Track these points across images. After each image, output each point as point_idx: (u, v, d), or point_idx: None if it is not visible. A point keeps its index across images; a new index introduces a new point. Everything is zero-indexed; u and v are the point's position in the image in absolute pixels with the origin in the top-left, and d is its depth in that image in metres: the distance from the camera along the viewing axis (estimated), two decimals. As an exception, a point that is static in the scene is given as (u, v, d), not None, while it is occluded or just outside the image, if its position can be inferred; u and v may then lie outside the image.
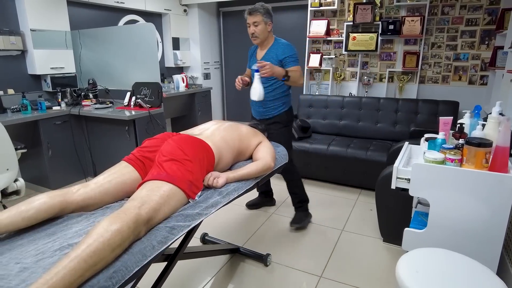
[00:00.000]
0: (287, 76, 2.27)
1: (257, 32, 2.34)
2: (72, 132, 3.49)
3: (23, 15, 3.38)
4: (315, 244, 2.45)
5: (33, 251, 1.03)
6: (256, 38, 2.38)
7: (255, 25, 2.33)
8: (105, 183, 1.34)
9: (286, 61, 2.35)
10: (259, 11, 2.30)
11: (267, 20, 2.34)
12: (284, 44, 2.41)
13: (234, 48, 5.92)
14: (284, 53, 2.35)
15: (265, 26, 2.35)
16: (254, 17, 2.31)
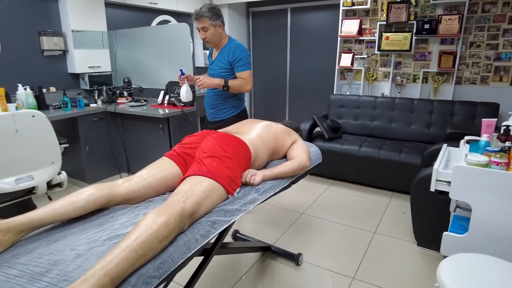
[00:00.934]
0: (227, 86, 2.28)
1: (208, 36, 2.28)
2: (108, 128, 3.62)
3: (65, 17, 3.55)
4: (347, 246, 2.42)
5: (85, 240, 1.08)
6: (208, 42, 2.34)
7: (204, 30, 2.25)
8: (148, 177, 1.39)
9: (236, 65, 2.31)
10: (205, 15, 2.19)
11: (215, 22, 2.25)
12: (236, 46, 2.33)
13: (262, 47, 5.94)
14: (235, 56, 2.29)
15: (215, 29, 2.27)
16: (202, 23, 2.22)
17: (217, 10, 2.23)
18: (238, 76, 2.33)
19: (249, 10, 5.87)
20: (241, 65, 2.30)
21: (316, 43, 5.24)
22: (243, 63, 2.30)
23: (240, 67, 2.30)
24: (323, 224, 2.72)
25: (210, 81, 2.28)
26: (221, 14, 2.28)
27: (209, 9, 2.19)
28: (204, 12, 2.18)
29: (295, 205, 3.06)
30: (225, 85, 2.27)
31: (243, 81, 2.32)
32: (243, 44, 2.38)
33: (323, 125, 3.59)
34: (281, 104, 5.90)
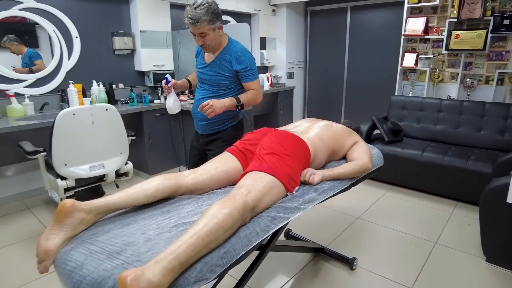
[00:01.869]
0: (241, 105, 1.93)
1: (207, 42, 1.86)
2: (170, 124, 3.82)
3: (135, 18, 3.81)
4: (405, 254, 2.30)
5: (154, 225, 1.16)
6: (207, 48, 1.92)
7: (202, 36, 1.83)
8: (212, 170, 1.44)
9: (243, 74, 1.95)
10: (203, 20, 1.76)
11: (215, 25, 1.83)
12: (242, 51, 1.96)
13: (319, 47, 5.86)
14: (241, 63, 1.93)
15: (215, 33, 1.85)
16: (199, 29, 1.79)
17: (214, 8, 1.79)
18: (248, 86, 1.98)
19: (307, 9, 5.83)
20: (250, 74, 1.96)
21: (376, 42, 5.05)
22: (252, 72, 1.97)
23: (250, 76, 1.96)
24: (379, 230, 2.61)
25: (221, 105, 1.85)
26: (219, 11, 1.85)
27: (207, 11, 1.75)
28: (201, 15, 1.74)
29: (350, 209, 2.98)
30: (238, 104, 1.92)
31: (255, 92, 1.99)
32: (246, 47, 2.03)
33: (383, 127, 3.44)
34: (337, 104, 5.78)
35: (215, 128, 2.09)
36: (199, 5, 1.75)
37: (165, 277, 0.87)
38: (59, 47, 3.33)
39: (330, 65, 5.73)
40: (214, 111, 1.81)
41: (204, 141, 2.14)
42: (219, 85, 1.98)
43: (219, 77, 1.97)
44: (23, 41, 3.13)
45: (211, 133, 2.10)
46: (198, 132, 2.18)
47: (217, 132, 2.10)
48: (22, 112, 3.03)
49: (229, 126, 2.11)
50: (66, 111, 2.16)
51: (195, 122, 2.18)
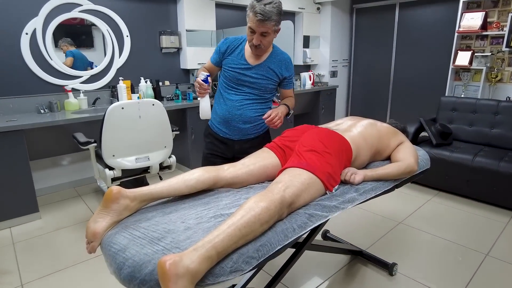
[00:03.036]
0: (290, 112, 1.92)
1: (264, 43, 1.73)
2: (211, 120, 3.90)
3: (182, 17, 3.93)
4: (451, 264, 2.16)
5: (193, 215, 1.19)
6: (261, 49, 1.77)
7: (264, 35, 1.70)
8: (250, 165, 1.45)
9: (288, 81, 1.93)
10: (272, 19, 1.64)
11: (277, 27, 1.73)
12: (287, 58, 1.91)
13: (365, 45, 5.68)
14: (289, 71, 1.91)
15: (273, 35, 1.76)
16: (265, 27, 1.66)
17: (281, 9, 1.70)
18: (287, 93, 1.98)
19: (353, 7, 5.68)
20: (291, 82, 1.98)
21: (426, 40, 4.79)
22: (292, 80, 1.99)
23: (291, 84, 1.97)
24: (423, 237, 2.48)
25: (282, 114, 1.84)
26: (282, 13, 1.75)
27: (277, 10, 1.65)
28: (271, 13, 1.63)
29: (392, 213, 2.86)
30: (289, 111, 1.92)
31: (293, 99, 2.01)
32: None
33: (430, 129, 3.26)
34: (382, 105, 5.57)
35: (256, 131, 1.94)
36: (269, 2, 1.62)
37: (201, 264, 0.90)
38: (111, 46, 3.54)
39: (376, 64, 5.54)
40: (281, 121, 1.78)
41: (241, 147, 1.92)
42: (265, 89, 1.87)
43: (267, 81, 1.86)
44: (80, 41, 3.37)
45: (251, 138, 1.94)
46: (230, 139, 1.92)
47: (257, 136, 1.96)
48: (77, 106, 3.26)
49: (266, 128, 2.02)
50: (116, 105, 2.28)
51: (225, 128, 1.92)
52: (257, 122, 1.90)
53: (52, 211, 2.96)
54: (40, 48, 3.11)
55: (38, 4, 3.05)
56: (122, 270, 0.96)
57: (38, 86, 3.16)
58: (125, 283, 0.95)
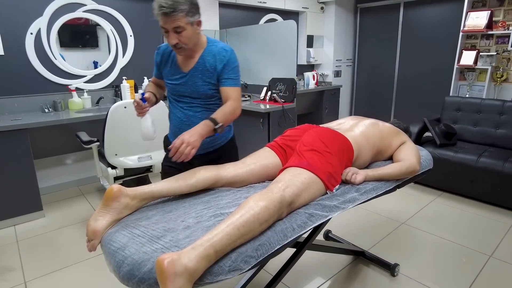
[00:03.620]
0: (219, 126, 1.44)
1: (184, 41, 1.43)
2: (214, 120, 3.91)
3: (186, 17, 3.94)
4: (454, 265, 2.14)
5: (193, 214, 1.19)
6: (183, 49, 1.47)
7: (178, 31, 1.40)
8: (251, 164, 1.45)
9: (225, 75, 1.53)
10: (180, 9, 1.35)
11: (194, 18, 1.43)
12: (224, 48, 1.56)
13: (369, 44, 5.66)
14: (225, 62, 1.53)
15: (193, 29, 1.44)
16: (174, 21, 1.37)
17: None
18: (226, 92, 1.54)
19: (357, 6, 5.66)
20: (232, 77, 1.54)
21: (431, 39, 4.76)
22: (235, 75, 1.55)
23: (231, 80, 1.54)
24: (426, 238, 2.46)
25: (197, 135, 1.36)
26: (198, 4, 1.47)
27: (187, 0, 1.38)
28: (177, 3, 1.34)
29: (395, 213, 2.84)
30: (216, 127, 1.43)
31: (234, 105, 1.52)
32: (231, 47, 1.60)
33: (434, 130, 3.24)
34: (386, 105, 5.55)
35: (217, 143, 1.69)
36: None
37: (200, 263, 0.90)
38: (115, 46, 3.55)
39: (380, 64, 5.51)
40: (194, 147, 1.33)
41: (201, 162, 1.56)
42: (208, 96, 1.58)
43: (207, 87, 1.56)
44: (85, 41, 3.39)
45: (212, 150, 1.69)
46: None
47: (219, 148, 1.71)
48: (81, 105, 3.28)
49: (228, 138, 1.75)
50: (118, 104, 2.29)
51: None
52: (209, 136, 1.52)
53: (56, 210, 2.98)
54: (45, 48, 3.13)
55: (43, 4, 3.08)
56: (121, 268, 0.97)
57: (43, 85, 3.18)
58: (124, 281, 0.95)
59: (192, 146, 1.32)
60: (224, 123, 1.46)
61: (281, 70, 3.75)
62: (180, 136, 1.33)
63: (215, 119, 1.44)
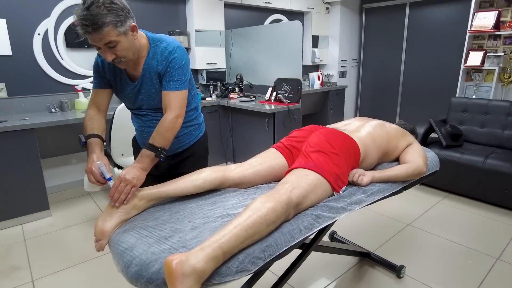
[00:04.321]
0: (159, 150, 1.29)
1: (121, 55, 1.25)
2: (219, 120, 3.92)
3: (191, 17, 3.95)
4: (461, 267, 2.13)
5: (200, 214, 1.19)
6: (122, 62, 1.29)
7: (110, 46, 1.21)
8: (257, 165, 1.45)
9: (165, 79, 1.34)
10: (104, 22, 1.15)
11: (125, 27, 1.22)
12: (166, 48, 1.35)
13: (375, 45, 5.64)
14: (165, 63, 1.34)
15: (128, 38, 1.25)
16: (102, 37, 1.18)
17: (123, 4, 1.21)
18: (165, 98, 1.34)
19: (362, 6, 5.64)
20: (174, 80, 1.34)
21: (437, 40, 4.74)
22: (179, 77, 1.34)
23: (172, 83, 1.34)
24: (432, 240, 2.45)
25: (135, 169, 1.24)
26: (126, 4, 1.24)
27: (108, 9, 1.15)
28: (100, 16, 1.14)
29: (400, 215, 2.83)
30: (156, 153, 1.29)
31: (171, 116, 1.32)
32: (178, 42, 1.39)
33: (440, 131, 3.22)
34: (392, 105, 5.53)
35: (184, 144, 1.57)
36: (92, 3, 1.14)
37: (208, 264, 0.90)
38: (121, 46, 3.57)
39: (386, 64, 5.49)
40: (134, 185, 1.20)
41: (169, 164, 1.56)
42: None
43: (158, 94, 1.41)
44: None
45: (180, 151, 1.58)
46: None
47: (187, 148, 1.59)
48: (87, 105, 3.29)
49: (199, 136, 1.63)
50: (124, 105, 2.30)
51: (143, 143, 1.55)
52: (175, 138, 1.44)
53: (62, 209, 3.01)
54: (52, 48, 3.16)
55: (51, 5, 3.10)
56: (129, 268, 0.97)
57: (50, 85, 3.21)
58: (132, 281, 0.96)
59: (131, 185, 1.19)
60: (165, 145, 1.31)
61: (286, 70, 3.75)
62: (120, 175, 1.21)
63: (153, 145, 1.29)
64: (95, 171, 1.25)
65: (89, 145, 1.33)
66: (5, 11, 2.89)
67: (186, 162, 1.60)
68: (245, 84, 4.24)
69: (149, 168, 1.28)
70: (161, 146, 1.30)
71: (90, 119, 1.42)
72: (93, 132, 1.37)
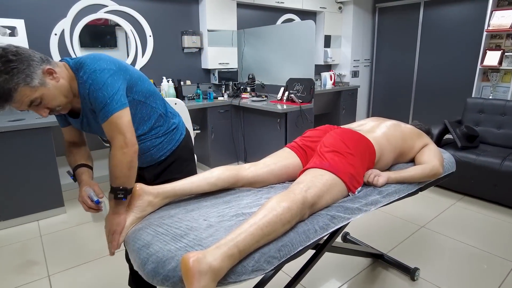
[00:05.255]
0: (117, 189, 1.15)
1: (52, 105, 1.12)
2: (231, 120, 3.93)
3: (203, 17, 3.97)
4: (477, 272, 2.09)
5: (215, 213, 1.20)
6: (63, 109, 1.18)
7: (36, 104, 1.08)
8: (271, 165, 1.45)
9: (96, 109, 1.16)
10: (13, 87, 1.00)
11: (39, 78, 1.05)
12: (83, 69, 1.14)
13: (388, 44, 5.57)
14: (87, 89, 1.13)
15: (49, 87, 1.08)
16: (21, 102, 1.04)
17: (15, 54, 1.01)
18: (106, 129, 1.16)
19: (375, 6, 5.58)
20: (102, 105, 1.13)
21: (452, 39, 4.66)
22: (105, 99, 1.12)
23: (102, 111, 1.14)
24: (446, 242, 2.41)
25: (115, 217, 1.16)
26: (25, 52, 1.04)
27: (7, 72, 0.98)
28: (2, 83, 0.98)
29: (414, 216, 2.79)
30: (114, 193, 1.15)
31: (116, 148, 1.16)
32: (93, 56, 1.17)
33: (455, 132, 3.17)
34: (405, 106, 5.46)
35: (166, 150, 1.46)
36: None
37: (224, 262, 0.90)
38: (134, 46, 3.61)
39: (399, 64, 5.42)
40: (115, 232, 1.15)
41: (154, 173, 1.48)
42: None
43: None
44: (104, 42, 3.46)
45: (164, 158, 1.47)
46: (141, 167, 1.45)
47: (170, 154, 1.48)
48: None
49: (180, 140, 1.51)
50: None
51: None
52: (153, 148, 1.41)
53: (77, 206, 3.05)
54: (68, 48, 3.21)
55: (67, 6, 3.16)
56: (146, 265, 0.98)
57: (65, 84, 3.26)
58: (149, 278, 0.97)
59: (112, 233, 1.14)
60: (121, 183, 1.15)
61: (299, 70, 3.74)
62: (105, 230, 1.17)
63: (111, 186, 1.16)
64: (86, 199, 1.23)
65: (77, 176, 1.32)
66: (23, 12, 2.96)
67: (171, 168, 1.49)
68: (257, 84, 4.24)
69: (118, 210, 1.16)
70: (117, 186, 1.15)
71: (69, 154, 1.38)
72: (77, 163, 1.35)
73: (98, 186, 1.29)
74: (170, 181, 1.30)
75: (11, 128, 2.54)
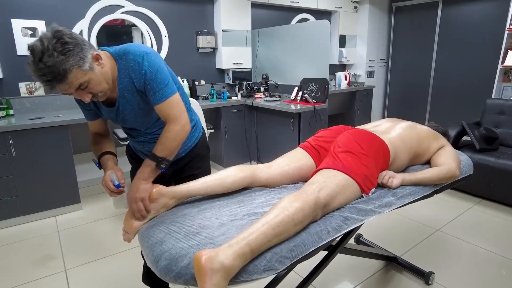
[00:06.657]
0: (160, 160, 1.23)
1: (95, 90, 1.15)
2: (245, 120, 3.94)
3: (218, 18, 4.00)
4: (494, 277, 2.03)
5: (227, 212, 1.21)
6: (103, 95, 1.20)
7: (83, 88, 1.11)
8: (285, 166, 1.45)
9: (150, 93, 1.22)
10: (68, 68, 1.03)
11: (88, 61, 1.09)
12: (134, 60, 1.20)
13: (404, 44, 5.48)
14: (141, 76, 1.20)
15: (95, 72, 1.12)
16: (71, 84, 1.07)
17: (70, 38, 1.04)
18: (159, 111, 1.25)
19: (392, 5, 5.50)
20: (158, 89, 1.21)
21: (471, 39, 4.55)
22: (162, 84, 1.21)
23: (157, 94, 1.21)
24: (462, 246, 2.36)
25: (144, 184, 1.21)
26: (77, 36, 1.07)
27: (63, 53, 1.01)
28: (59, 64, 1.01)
29: (429, 219, 2.74)
30: (158, 162, 1.23)
31: (173, 124, 1.24)
32: (145, 48, 1.22)
33: (474, 134, 3.09)
34: (421, 107, 5.36)
35: (187, 147, 1.50)
36: (42, 53, 1.00)
37: (235, 260, 0.91)
38: (150, 46, 3.66)
39: (416, 64, 5.33)
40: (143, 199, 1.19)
41: (173, 170, 1.51)
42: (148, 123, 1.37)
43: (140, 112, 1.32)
44: (121, 42, 3.52)
45: (183, 155, 1.51)
46: None
47: (189, 151, 1.52)
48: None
49: (198, 137, 1.55)
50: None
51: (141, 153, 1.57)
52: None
53: (92, 203, 3.12)
54: (86, 48, 3.28)
55: (85, 6, 3.23)
56: (159, 262, 1.00)
57: (83, 84, 3.34)
58: (162, 275, 0.98)
59: (140, 200, 1.18)
60: (167, 155, 1.23)
61: (313, 70, 3.72)
62: (128, 195, 1.22)
63: (155, 154, 1.23)
64: (109, 183, 1.27)
65: (102, 163, 1.37)
66: (44, 13, 3.04)
67: (190, 164, 1.53)
68: (271, 84, 4.23)
69: (150, 177, 1.23)
70: (163, 156, 1.23)
71: (95, 144, 1.45)
72: (102, 151, 1.39)
73: (122, 171, 1.33)
74: (189, 177, 1.36)
75: (31, 126, 2.62)
